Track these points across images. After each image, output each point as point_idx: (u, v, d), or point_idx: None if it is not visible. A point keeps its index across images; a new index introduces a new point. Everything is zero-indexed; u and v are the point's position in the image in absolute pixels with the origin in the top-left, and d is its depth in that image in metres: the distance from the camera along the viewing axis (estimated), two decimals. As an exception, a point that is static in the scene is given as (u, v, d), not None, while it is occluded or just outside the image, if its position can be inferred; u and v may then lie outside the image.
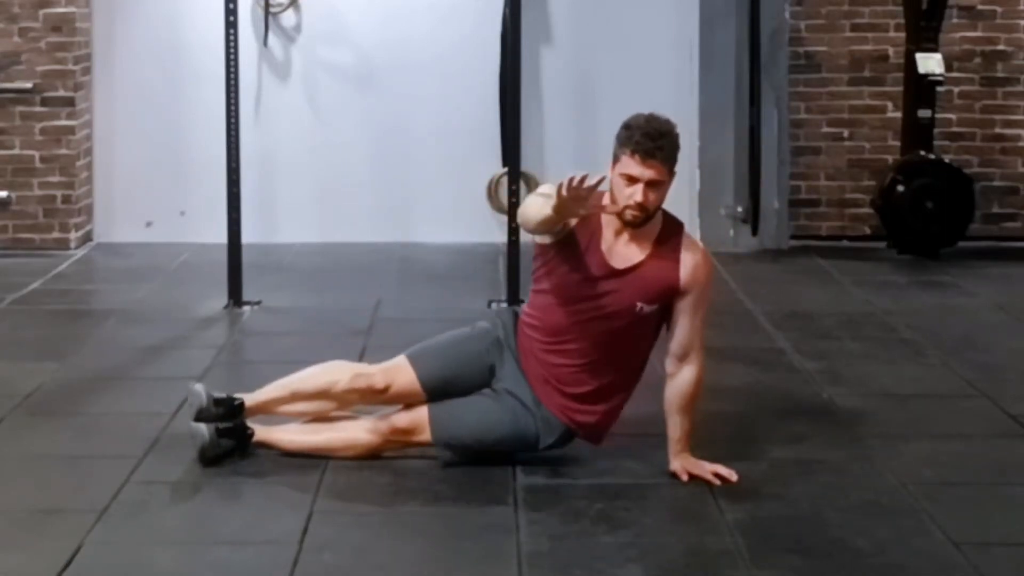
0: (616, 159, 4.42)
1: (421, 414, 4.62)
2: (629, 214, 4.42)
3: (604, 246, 4.50)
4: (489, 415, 4.60)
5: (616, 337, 4.54)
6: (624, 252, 4.50)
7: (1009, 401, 5.38)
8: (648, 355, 4.65)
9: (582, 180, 4.15)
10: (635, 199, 4.38)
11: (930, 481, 4.53)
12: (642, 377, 4.66)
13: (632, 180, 4.38)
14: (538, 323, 4.61)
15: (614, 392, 4.61)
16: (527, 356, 4.62)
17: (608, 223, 4.51)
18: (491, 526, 4.14)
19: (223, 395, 4.68)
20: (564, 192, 4.18)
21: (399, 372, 4.63)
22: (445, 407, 4.61)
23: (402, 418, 4.64)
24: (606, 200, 4.44)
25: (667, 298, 4.52)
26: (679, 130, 4.49)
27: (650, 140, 4.37)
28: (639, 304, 4.49)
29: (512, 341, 4.66)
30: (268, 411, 4.74)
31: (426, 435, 4.60)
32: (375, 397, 4.65)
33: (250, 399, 4.70)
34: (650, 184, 4.38)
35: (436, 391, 4.62)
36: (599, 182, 4.21)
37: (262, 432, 4.71)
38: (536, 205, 4.40)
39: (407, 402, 4.64)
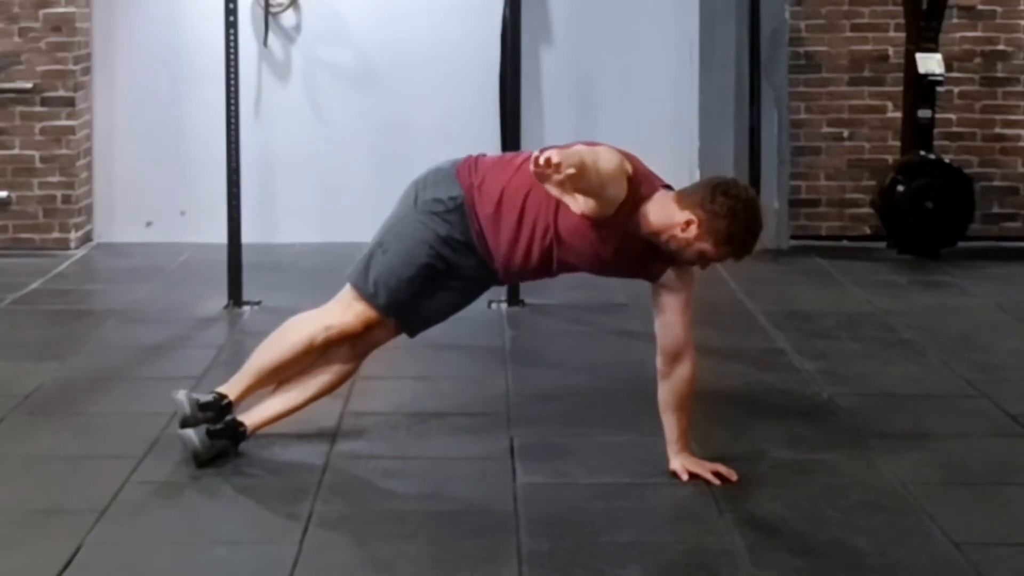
0: (703, 221, 4.31)
1: (391, 330, 4.75)
2: (683, 261, 4.43)
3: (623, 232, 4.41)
4: (453, 306, 4.73)
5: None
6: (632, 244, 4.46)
7: (1009, 401, 5.38)
8: None
9: (548, 162, 3.95)
10: (697, 268, 4.46)
11: (930, 481, 4.53)
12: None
13: (709, 261, 4.41)
14: (490, 211, 4.51)
15: None
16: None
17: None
18: (491, 526, 4.13)
19: (209, 396, 4.68)
20: (531, 167, 4.03)
21: (363, 310, 4.65)
22: (413, 320, 4.73)
23: (378, 339, 4.76)
24: (661, 218, 4.36)
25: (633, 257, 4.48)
26: (679, 130, 4.46)
27: (748, 252, 4.40)
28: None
29: (463, 231, 4.55)
30: (258, 390, 4.75)
31: (401, 335, 4.82)
32: (352, 336, 4.70)
33: (234, 391, 4.70)
34: None
35: (400, 313, 4.68)
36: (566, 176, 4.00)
37: (252, 419, 4.71)
38: None
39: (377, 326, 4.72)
